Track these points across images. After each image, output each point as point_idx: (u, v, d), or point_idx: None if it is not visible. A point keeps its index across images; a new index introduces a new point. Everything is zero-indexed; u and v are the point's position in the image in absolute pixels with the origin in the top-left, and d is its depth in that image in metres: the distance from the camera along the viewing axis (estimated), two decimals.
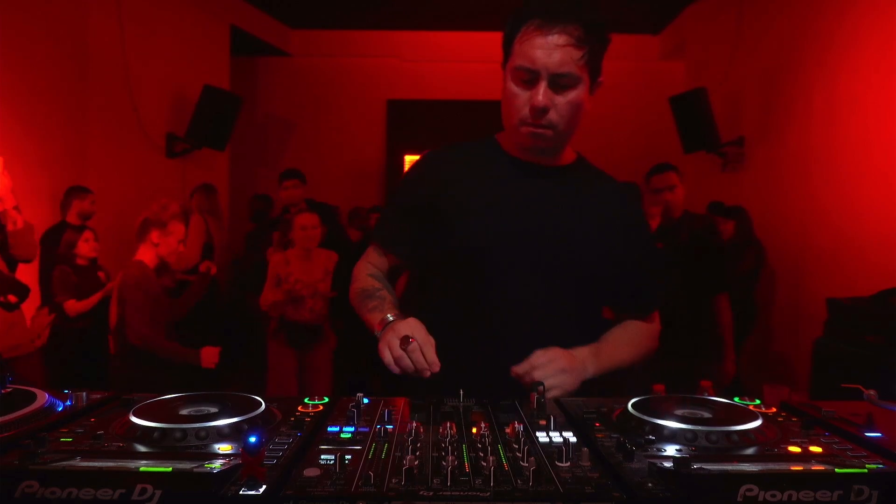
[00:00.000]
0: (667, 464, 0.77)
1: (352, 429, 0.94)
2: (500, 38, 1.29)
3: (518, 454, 0.83)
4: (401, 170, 6.81)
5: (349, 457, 0.81)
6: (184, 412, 0.97)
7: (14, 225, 2.94)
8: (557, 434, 0.92)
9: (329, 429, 0.94)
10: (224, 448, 0.84)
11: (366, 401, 1.06)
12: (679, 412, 0.99)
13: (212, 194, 5.10)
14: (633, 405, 1.01)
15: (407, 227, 1.42)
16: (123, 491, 0.66)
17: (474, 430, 0.94)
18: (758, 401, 1.09)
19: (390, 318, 1.25)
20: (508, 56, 1.27)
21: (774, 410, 1.05)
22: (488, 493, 0.71)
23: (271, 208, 5.92)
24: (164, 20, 5.45)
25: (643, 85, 6.96)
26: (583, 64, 1.20)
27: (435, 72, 7.18)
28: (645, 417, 0.95)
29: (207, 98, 5.41)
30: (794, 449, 0.86)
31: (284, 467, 0.77)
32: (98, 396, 1.08)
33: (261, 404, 0.98)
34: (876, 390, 1.12)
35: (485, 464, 0.78)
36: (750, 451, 0.86)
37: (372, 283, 1.40)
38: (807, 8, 4.34)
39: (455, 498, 0.71)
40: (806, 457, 0.84)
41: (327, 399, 1.08)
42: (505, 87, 1.28)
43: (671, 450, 0.86)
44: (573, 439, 0.88)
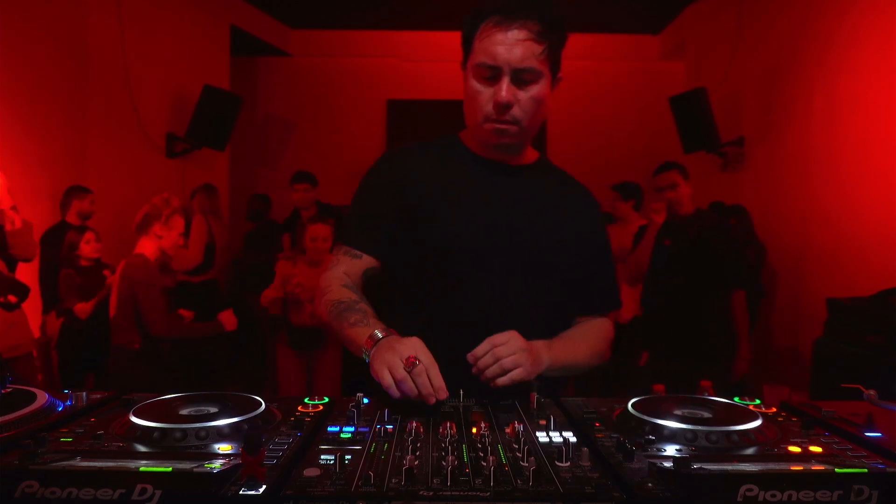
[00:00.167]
0: (667, 464, 0.77)
1: (352, 429, 0.94)
2: None
3: (518, 454, 0.83)
4: None
5: (349, 457, 0.81)
6: (184, 412, 0.97)
7: (12, 225, 2.94)
8: (557, 434, 0.93)
9: (329, 429, 0.94)
10: (224, 448, 0.84)
11: (366, 401, 1.06)
12: (679, 412, 0.99)
13: (213, 194, 5.10)
14: (633, 405, 1.01)
15: (379, 227, 1.37)
16: (123, 491, 0.66)
17: (474, 430, 0.94)
18: (758, 401, 1.09)
19: (380, 336, 1.16)
20: (468, 54, 1.28)
21: (774, 410, 1.05)
22: (488, 493, 0.71)
23: (269, 208, 5.93)
24: (164, 20, 5.45)
25: (643, 85, 6.96)
26: (543, 58, 1.22)
27: (435, 72, 7.16)
28: (645, 417, 0.95)
29: (207, 98, 5.41)
30: (794, 449, 0.86)
31: (284, 467, 0.77)
32: (98, 396, 1.08)
33: (261, 404, 0.98)
34: (876, 390, 1.12)
35: (485, 464, 0.78)
36: (750, 451, 0.86)
37: (348, 295, 1.30)
38: (807, 8, 4.34)
39: (455, 498, 0.71)
40: (806, 457, 0.84)
41: (327, 399, 1.08)
42: (467, 86, 1.29)
43: (671, 450, 0.86)
44: (573, 439, 0.88)
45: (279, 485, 0.72)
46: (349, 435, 0.91)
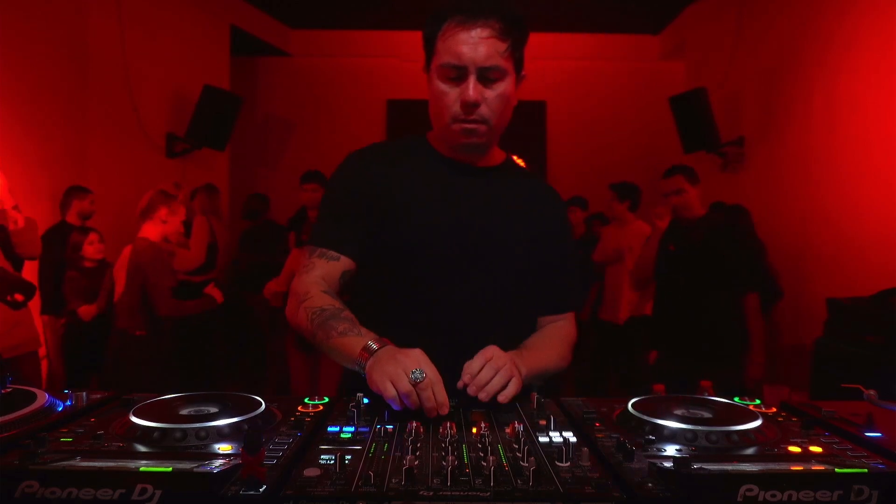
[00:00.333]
0: (667, 464, 0.77)
1: (352, 429, 0.94)
2: None
3: (518, 454, 0.84)
4: None
5: (349, 457, 0.81)
6: (184, 412, 0.97)
7: (15, 224, 2.93)
8: (557, 434, 0.93)
9: (329, 429, 0.94)
10: (224, 448, 0.84)
11: (366, 401, 1.06)
12: (679, 412, 0.99)
13: (214, 195, 5.09)
14: (633, 405, 1.01)
15: (353, 227, 1.34)
16: (123, 491, 0.66)
17: (474, 430, 0.94)
18: (758, 401, 1.09)
19: (375, 347, 1.12)
20: (432, 56, 1.28)
21: (774, 410, 1.05)
22: (488, 493, 0.71)
23: (268, 208, 5.92)
24: (164, 20, 5.45)
25: (643, 85, 6.96)
26: (507, 56, 1.22)
27: None
28: (645, 417, 0.95)
29: (207, 98, 5.41)
30: (794, 449, 0.86)
31: (284, 467, 0.77)
32: (98, 396, 1.08)
33: (261, 404, 0.98)
34: (876, 390, 1.12)
35: (485, 464, 0.78)
36: (750, 451, 0.86)
37: (330, 303, 1.25)
38: (807, 8, 4.34)
39: (455, 498, 0.71)
40: (806, 457, 0.84)
41: (327, 399, 1.08)
42: (432, 88, 1.28)
43: (671, 450, 0.86)
44: (573, 439, 0.88)
45: (279, 485, 0.72)
46: (349, 435, 0.91)
